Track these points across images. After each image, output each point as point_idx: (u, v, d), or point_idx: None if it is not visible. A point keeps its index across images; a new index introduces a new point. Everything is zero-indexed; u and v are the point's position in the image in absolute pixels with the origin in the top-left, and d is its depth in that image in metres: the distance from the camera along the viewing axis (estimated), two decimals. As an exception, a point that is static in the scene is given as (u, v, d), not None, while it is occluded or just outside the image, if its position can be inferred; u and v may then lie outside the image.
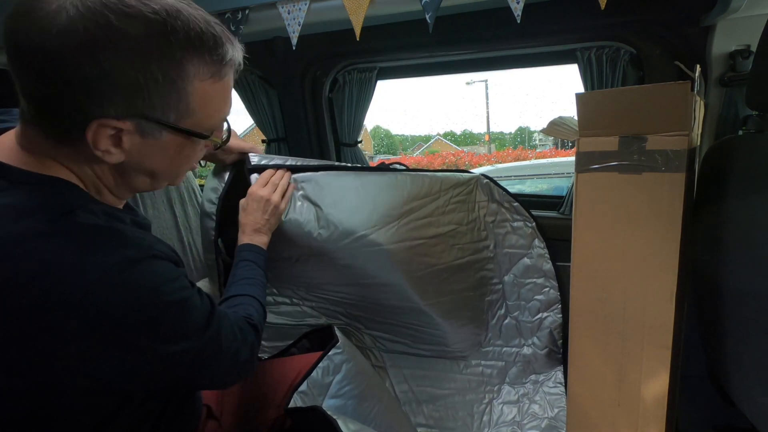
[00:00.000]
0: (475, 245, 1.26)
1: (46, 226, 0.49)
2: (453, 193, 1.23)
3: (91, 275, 0.48)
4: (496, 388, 1.31)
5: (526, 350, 1.31)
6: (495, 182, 1.28)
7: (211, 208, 1.04)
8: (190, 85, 0.53)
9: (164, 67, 0.50)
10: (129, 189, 0.62)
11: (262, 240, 0.94)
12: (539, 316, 1.29)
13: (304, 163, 1.10)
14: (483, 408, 1.28)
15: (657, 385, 0.82)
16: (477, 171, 4.48)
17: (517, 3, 0.97)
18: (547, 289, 1.29)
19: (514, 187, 4.02)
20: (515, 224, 1.30)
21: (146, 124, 0.53)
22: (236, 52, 0.58)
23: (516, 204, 1.29)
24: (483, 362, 1.33)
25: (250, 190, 0.97)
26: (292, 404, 0.84)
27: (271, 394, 0.91)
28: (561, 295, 1.29)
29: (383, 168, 1.21)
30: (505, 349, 1.33)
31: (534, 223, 1.29)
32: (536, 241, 1.29)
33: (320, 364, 0.94)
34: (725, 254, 0.79)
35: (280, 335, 1.21)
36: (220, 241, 1.05)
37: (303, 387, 0.89)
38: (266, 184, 0.98)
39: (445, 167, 8.19)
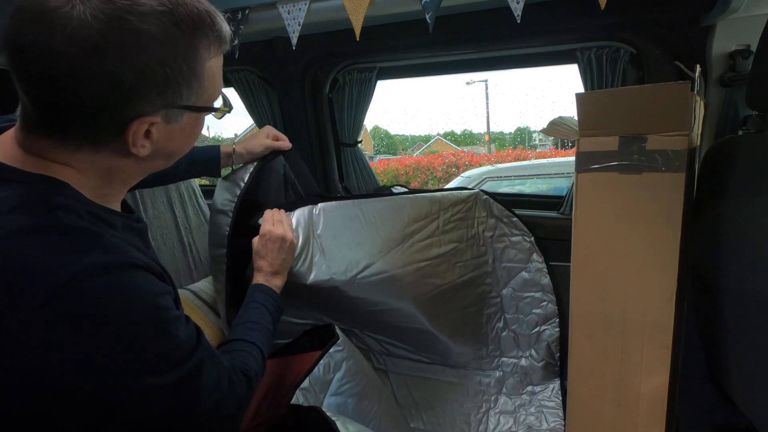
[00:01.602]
0: (476, 261, 1.27)
1: (26, 223, 0.47)
2: (453, 211, 1.24)
3: (60, 277, 0.45)
4: (493, 398, 1.32)
5: (524, 362, 1.32)
6: (494, 197, 1.29)
7: (228, 206, 1.03)
8: (204, 67, 0.55)
9: (186, 56, 0.52)
10: (142, 175, 0.61)
11: (277, 283, 0.89)
12: (537, 329, 1.31)
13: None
14: (480, 417, 1.29)
15: (657, 385, 0.82)
16: (477, 171, 4.43)
17: (517, 3, 0.96)
18: (545, 303, 1.30)
19: (514, 188, 4.02)
20: (514, 239, 1.30)
21: (172, 111, 0.55)
22: (225, 24, 0.58)
23: (515, 219, 1.29)
24: (481, 372, 1.34)
25: (264, 230, 0.92)
26: (294, 401, 0.84)
27: (271, 393, 0.91)
28: (559, 309, 1.30)
29: (382, 193, 1.21)
30: (503, 359, 1.34)
31: (533, 238, 1.29)
32: (535, 256, 1.30)
33: (321, 362, 0.94)
34: (725, 254, 0.79)
35: (280, 332, 1.21)
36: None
37: (305, 384, 0.89)
38: (274, 223, 0.94)
39: (445, 167, 8.19)
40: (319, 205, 1.08)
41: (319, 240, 1.04)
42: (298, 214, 1.05)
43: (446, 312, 1.21)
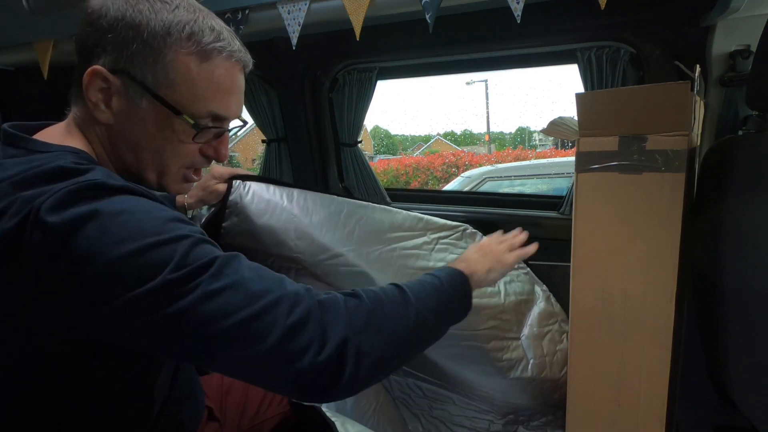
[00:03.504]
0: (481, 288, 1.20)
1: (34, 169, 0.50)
2: (441, 234, 1.22)
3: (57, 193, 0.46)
4: (498, 419, 1.28)
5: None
6: (481, 233, 1.27)
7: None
8: (170, 51, 0.55)
9: (156, 32, 0.54)
10: (123, 165, 0.61)
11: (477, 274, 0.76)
12: (565, 370, 1.19)
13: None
14: (483, 426, 1.27)
15: (657, 385, 0.82)
16: (477, 171, 4.42)
17: (517, 3, 0.96)
18: (565, 335, 1.23)
19: (514, 188, 4.02)
20: (512, 272, 1.26)
21: (130, 84, 0.55)
22: (235, 46, 0.59)
23: None
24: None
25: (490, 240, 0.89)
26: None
27: (271, 392, 0.91)
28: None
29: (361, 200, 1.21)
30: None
31: (528, 269, 1.28)
32: (536, 287, 1.27)
33: None
34: (725, 254, 0.79)
35: None
36: None
37: None
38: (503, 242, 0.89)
39: (445, 167, 8.18)
40: (304, 191, 1.10)
41: (295, 219, 1.05)
42: (283, 191, 1.07)
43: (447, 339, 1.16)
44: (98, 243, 0.45)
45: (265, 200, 1.06)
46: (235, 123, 0.67)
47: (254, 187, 1.06)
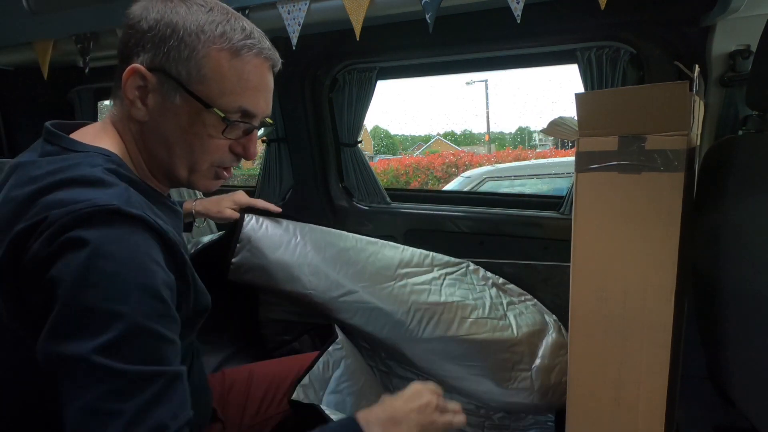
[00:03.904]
0: (493, 322, 1.15)
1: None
2: (447, 271, 1.22)
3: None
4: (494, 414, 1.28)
5: None
6: (483, 267, 1.27)
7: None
8: (204, 48, 0.58)
9: (187, 25, 0.57)
10: (154, 161, 0.63)
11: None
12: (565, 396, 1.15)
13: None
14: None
15: (657, 385, 0.82)
16: (477, 171, 4.42)
17: (517, 3, 0.97)
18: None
19: (514, 188, 4.02)
20: (520, 305, 1.25)
21: (166, 80, 0.58)
22: (265, 44, 0.62)
23: (510, 285, 1.28)
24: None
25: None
26: (294, 396, 0.85)
27: (272, 392, 0.91)
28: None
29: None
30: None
31: (535, 300, 1.27)
32: (546, 317, 1.25)
33: (321, 360, 0.94)
34: (725, 254, 0.79)
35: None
36: None
37: (305, 380, 0.89)
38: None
39: (445, 167, 8.18)
40: (316, 226, 1.11)
41: (309, 254, 1.05)
42: (296, 225, 1.07)
43: (455, 368, 1.14)
44: (72, 277, 0.46)
45: (278, 234, 1.05)
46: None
47: (267, 221, 1.06)
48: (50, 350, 0.46)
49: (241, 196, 1.07)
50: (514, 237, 1.49)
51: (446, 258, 1.25)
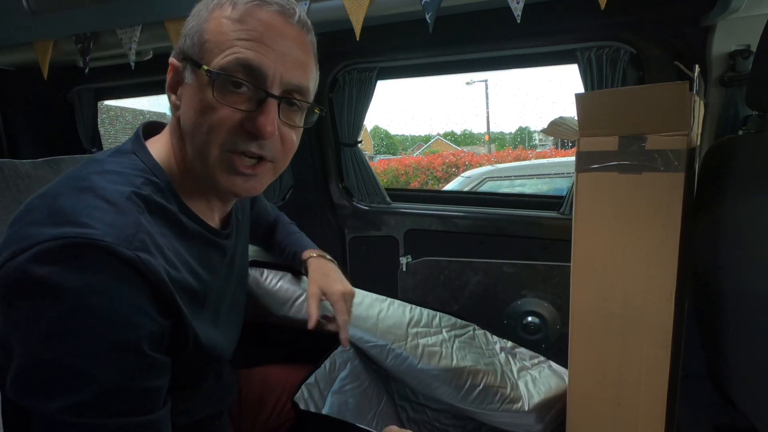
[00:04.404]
0: (503, 391, 1.10)
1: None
2: (456, 333, 1.21)
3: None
4: None
5: None
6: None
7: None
8: (208, 16, 0.55)
9: (205, 7, 0.56)
10: (185, 166, 0.58)
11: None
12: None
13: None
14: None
15: (657, 384, 0.82)
16: (477, 171, 4.40)
17: (517, 3, 0.97)
18: None
19: (514, 188, 4.02)
20: (534, 369, 1.20)
21: (186, 63, 0.56)
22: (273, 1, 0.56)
23: (520, 349, 1.25)
24: None
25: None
26: (297, 396, 0.85)
27: (284, 398, 0.91)
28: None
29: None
30: None
31: (549, 362, 1.23)
32: (565, 377, 1.16)
33: (328, 360, 0.95)
34: (725, 254, 0.79)
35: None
36: None
37: (311, 379, 0.90)
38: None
39: (445, 167, 8.18)
40: None
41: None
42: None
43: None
44: (46, 328, 0.43)
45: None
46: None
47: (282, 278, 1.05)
48: (17, 397, 0.44)
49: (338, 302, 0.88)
50: (514, 237, 1.49)
51: (453, 320, 1.25)
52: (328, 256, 0.97)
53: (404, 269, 1.61)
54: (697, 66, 0.93)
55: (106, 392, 0.44)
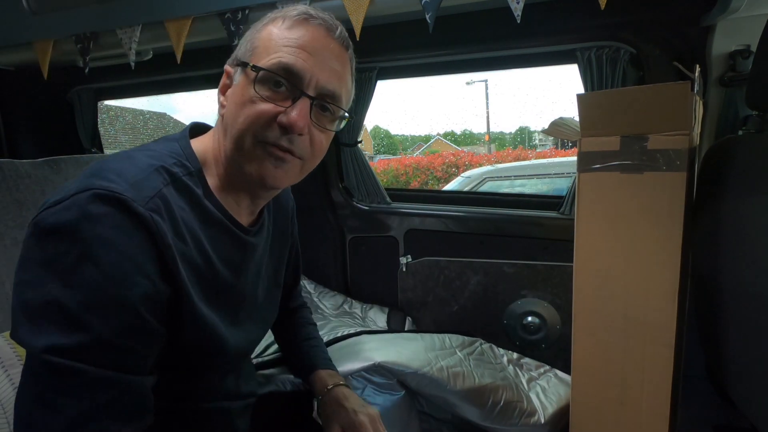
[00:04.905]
0: (521, 405, 1.12)
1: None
2: (468, 351, 1.24)
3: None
4: None
5: None
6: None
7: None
8: (263, 29, 0.62)
9: (262, 20, 0.64)
10: (222, 156, 0.63)
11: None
12: None
13: None
14: None
15: (660, 384, 0.82)
16: (477, 171, 4.38)
17: (517, 3, 0.97)
18: None
19: (514, 188, 4.02)
20: (541, 379, 1.22)
21: (237, 67, 0.62)
22: (319, 14, 0.62)
23: (526, 359, 1.28)
24: None
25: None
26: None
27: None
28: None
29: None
30: None
31: (553, 371, 1.24)
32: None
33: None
34: (725, 254, 0.79)
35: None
36: None
37: None
38: None
39: (445, 167, 8.18)
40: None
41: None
42: None
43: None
44: (61, 267, 0.46)
45: None
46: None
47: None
48: (13, 329, 0.47)
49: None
50: (515, 237, 1.49)
51: (461, 338, 1.28)
52: (340, 380, 0.85)
53: (404, 269, 1.61)
54: (697, 66, 0.93)
55: (93, 342, 0.46)
